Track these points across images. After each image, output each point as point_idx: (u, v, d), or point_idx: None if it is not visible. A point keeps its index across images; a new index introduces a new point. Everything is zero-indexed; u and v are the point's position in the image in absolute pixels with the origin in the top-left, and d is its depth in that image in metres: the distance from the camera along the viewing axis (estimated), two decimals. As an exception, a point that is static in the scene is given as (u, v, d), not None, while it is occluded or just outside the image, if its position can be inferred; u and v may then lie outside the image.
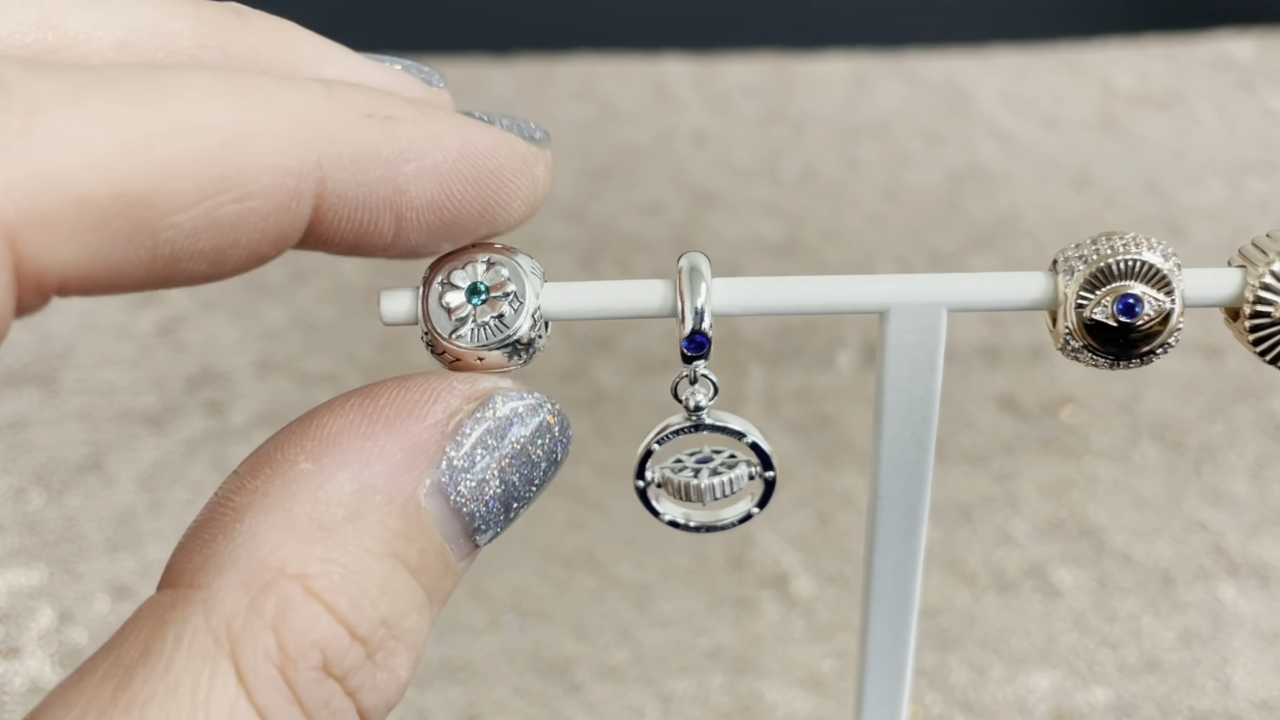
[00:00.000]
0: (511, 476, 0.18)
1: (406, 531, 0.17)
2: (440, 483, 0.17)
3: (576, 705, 0.38)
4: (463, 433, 0.17)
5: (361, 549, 0.16)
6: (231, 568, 0.16)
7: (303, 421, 0.17)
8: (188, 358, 0.49)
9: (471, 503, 0.17)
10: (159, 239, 0.15)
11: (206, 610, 0.15)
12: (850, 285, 0.19)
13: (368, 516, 0.16)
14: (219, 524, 0.16)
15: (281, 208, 0.16)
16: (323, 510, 0.16)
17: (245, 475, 0.17)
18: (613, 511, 0.43)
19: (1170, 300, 0.19)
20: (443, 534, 0.17)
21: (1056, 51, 0.65)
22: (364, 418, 0.17)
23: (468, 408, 0.17)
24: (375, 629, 0.16)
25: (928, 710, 0.38)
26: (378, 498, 0.16)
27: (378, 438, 0.17)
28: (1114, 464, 0.44)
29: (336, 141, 0.16)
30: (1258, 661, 0.39)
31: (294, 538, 0.16)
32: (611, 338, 0.49)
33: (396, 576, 0.16)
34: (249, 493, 0.16)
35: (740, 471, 0.20)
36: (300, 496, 0.16)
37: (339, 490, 0.16)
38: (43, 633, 0.40)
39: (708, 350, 0.19)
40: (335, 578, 0.16)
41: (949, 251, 0.54)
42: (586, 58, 0.65)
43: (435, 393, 0.17)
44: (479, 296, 0.19)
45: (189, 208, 0.15)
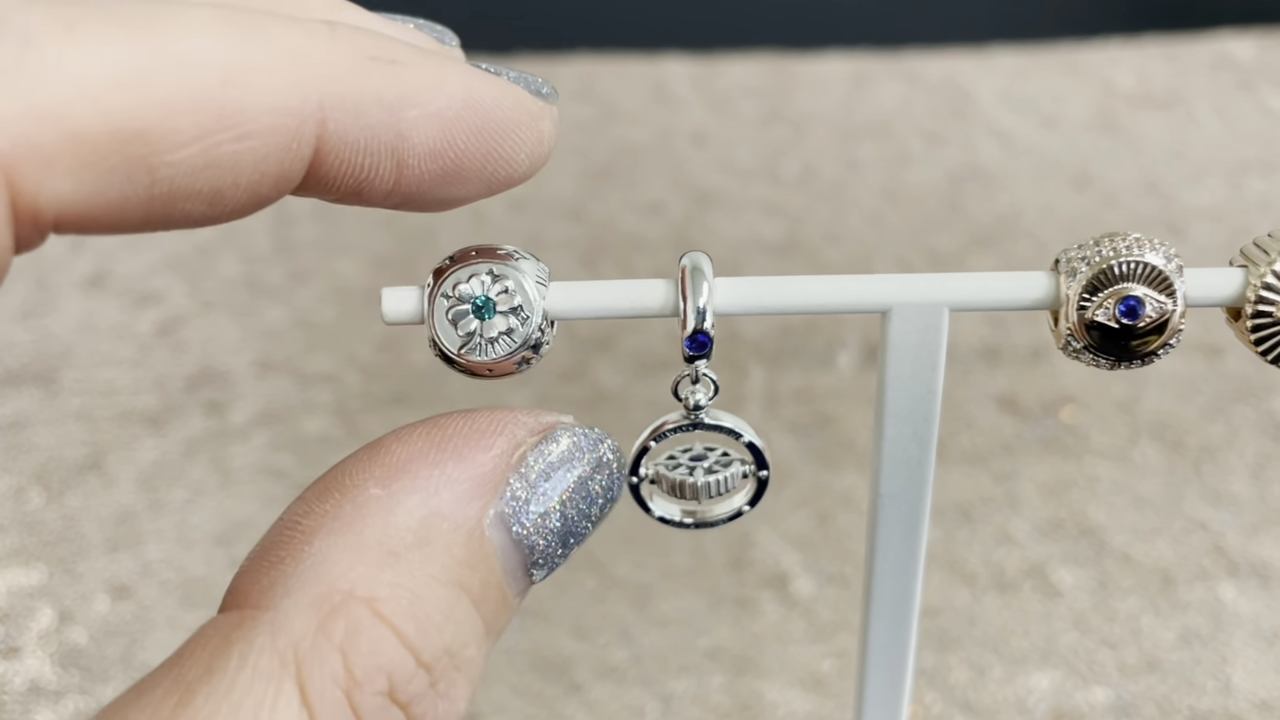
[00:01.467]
0: (571, 511, 0.18)
1: (471, 560, 0.17)
2: (504, 514, 0.17)
3: (576, 705, 0.38)
4: (527, 465, 0.17)
5: (429, 575, 0.16)
6: (300, 589, 0.16)
7: (371, 448, 0.17)
8: (188, 358, 0.49)
9: (532, 535, 0.17)
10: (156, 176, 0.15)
11: (274, 631, 0.15)
12: (852, 285, 0.19)
13: (435, 543, 0.16)
14: (287, 546, 0.16)
15: (281, 148, 0.16)
16: (392, 535, 0.16)
17: (313, 499, 0.17)
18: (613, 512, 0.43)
19: (1172, 302, 0.19)
20: (503, 566, 0.17)
21: (1056, 51, 0.65)
22: (432, 446, 0.17)
23: (532, 440, 0.18)
24: (440, 657, 0.16)
25: (928, 710, 0.38)
26: (445, 525, 0.16)
27: (445, 465, 0.17)
28: (1114, 464, 0.44)
29: (339, 82, 0.16)
30: (1258, 661, 0.39)
31: (363, 561, 0.16)
32: (611, 338, 0.49)
33: (460, 605, 0.16)
34: (318, 516, 0.16)
35: (734, 470, 0.20)
36: (370, 521, 0.16)
37: (408, 516, 0.16)
38: (43, 633, 0.40)
39: (709, 350, 0.19)
40: (403, 602, 0.16)
41: (949, 251, 0.54)
42: (586, 58, 0.65)
43: (501, 424, 0.17)
44: (486, 312, 0.19)
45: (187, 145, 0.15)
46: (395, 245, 0.54)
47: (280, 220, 0.56)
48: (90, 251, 0.54)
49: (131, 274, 0.53)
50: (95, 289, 0.52)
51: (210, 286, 0.52)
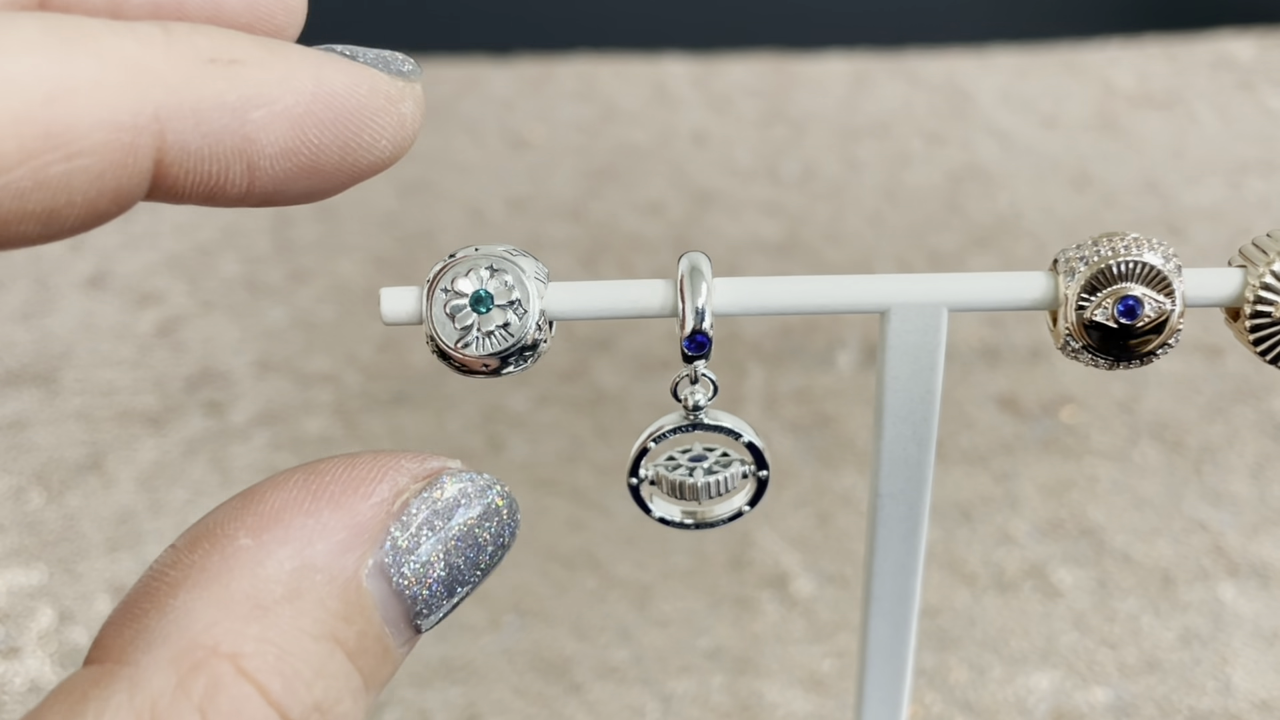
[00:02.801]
0: (457, 560, 0.17)
1: (346, 613, 0.16)
2: (383, 564, 0.16)
3: (576, 705, 0.38)
4: (409, 513, 0.17)
5: (298, 629, 0.15)
6: (161, 644, 0.15)
7: (244, 496, 0.16)
8: (188, 358, 0.49)
9: (415, 585, 0.17)
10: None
11: (132, 688, 0.15)
12: (851, 285, 0.19)
13: (307, 596, 0.16)
14: (152, 599, 0.15)
15: (117, 165, 0.15)
16: (261, 588, 0.15)
17: (182, 549, 0.16)
18: (613, 511, 0.43)
19: (1171, 301, 0.19)
20: (384, 617, 0.16)
21: (1056, 51, 0.65)
22: (308, 494, 0.16)
23: (415, 487, 0.17)
24: (309, 713, 0.15)
25: (928, 710, 0.38)
26: (318, 577, 0.16)
27: (321, 514, 0.16)
28: (1114, 464, 0.44)
29: (175, 90, 0.15)
30: (1258, 661, 0.39)
31: (229, 615, 0.15)
32: (611, 338, 0.49)
33: (333, 660, 0.16)
34: (185, 567, 0.16)
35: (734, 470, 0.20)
36: (238, 573, 0.15)
37: (278, 568, 0.16)
38: (43, 633, 0.40)
39: (708, 350, 0.19)
40: (269, 658, 0.15)
41: (949, 251, 0.54)
42: (586, 58, 0.65)
43: (382, 470, 0.17)
44: (483, 305, 0.19)
45: (12, 169, 0.14)
46: (395, 245, 0.54)
47: (280, 220, 0.56)
48: (90, 251, 0.54)
49: (131, 274, 0.53)
50: (95, 289, 0.52)
51: (210, 286, 0.52)
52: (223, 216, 0.56)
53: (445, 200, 0.57)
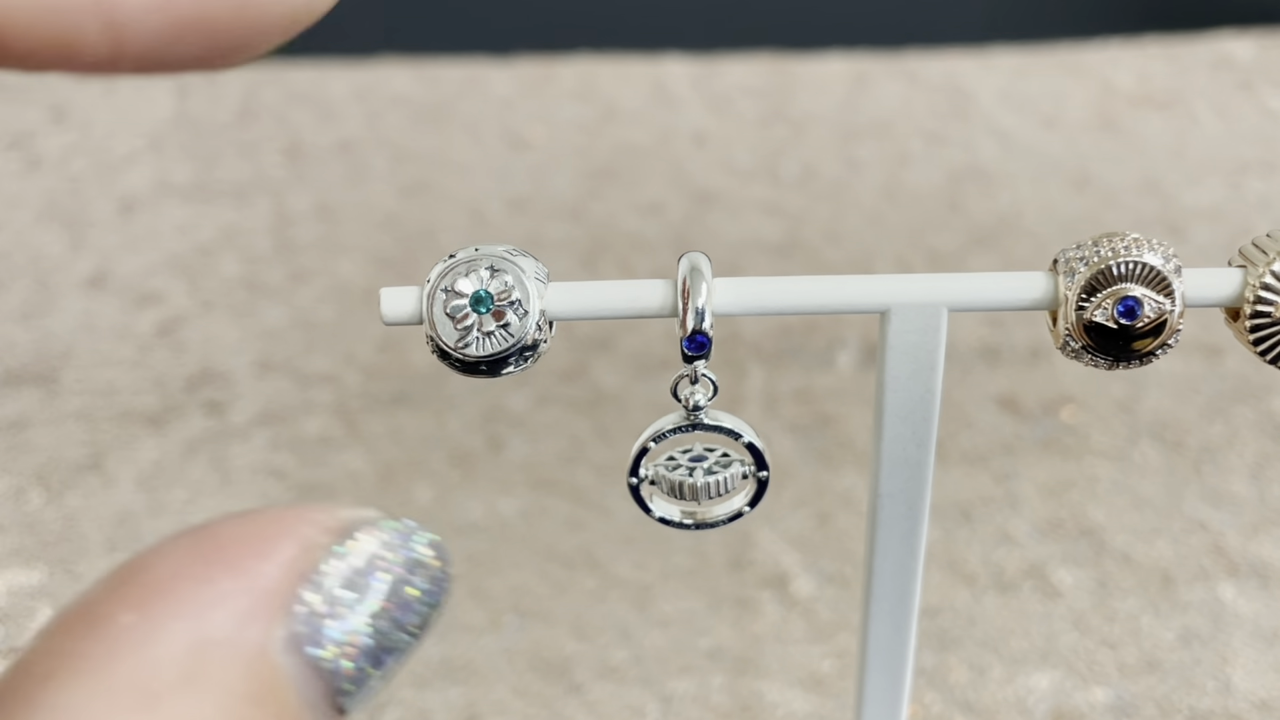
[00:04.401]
0: (383, 624, 0.14)
1: (256, 695, 0.13)
2: (296, 633, 0.14)
3: (576, 705, 0.38)
4: (320, 572, 0.14)
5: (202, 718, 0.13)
6: None
7: (123, 569, 0.14)
8: (188, 358, 0.49)
9: (335, 657, 0.14)
10: None
11: None
12: (851, 285, 0.19)
13: (207, 678, 0.13)
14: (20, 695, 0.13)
15: None
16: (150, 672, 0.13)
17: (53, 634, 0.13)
18: (613, 511, 0.43)
19: (1170, 302, 0.19)
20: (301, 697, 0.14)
21: (1056, 51, 0.65)
22: (199, 558, 0.14)
23: (325, 541, 0.14)
24: None
25: (928, 710, 0.38)
26: (219, 653, 0.13)
27: (216, 581, 0.13)
28: (1114, 464, 0.44)
29: None
30: (1258, 661, 0.39)
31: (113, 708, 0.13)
32: (611, 338, 0.49)
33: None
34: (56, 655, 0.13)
35: (734, 470, 0.20)
36: (121, 657, 0.13)
37: (170, 646, 0.13)
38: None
39: (708, 350, 0.19)
40: None
41: (949, 251, 0.54)
42: (586, 58, 0.65)
43: (285, 525, 0.14)
44: (483, 305, 0.19)
45: None
46: (395, 245, 0.54)
47: (280, 220, 0.56)
48: (90, 251, 0.54)
49: (131, 274, 0.53)
50: (95, 289, 0.52)
51: (210, 286, 0.52)
52: (223, 216, 0.56)
53: (445, 200, 0.57)
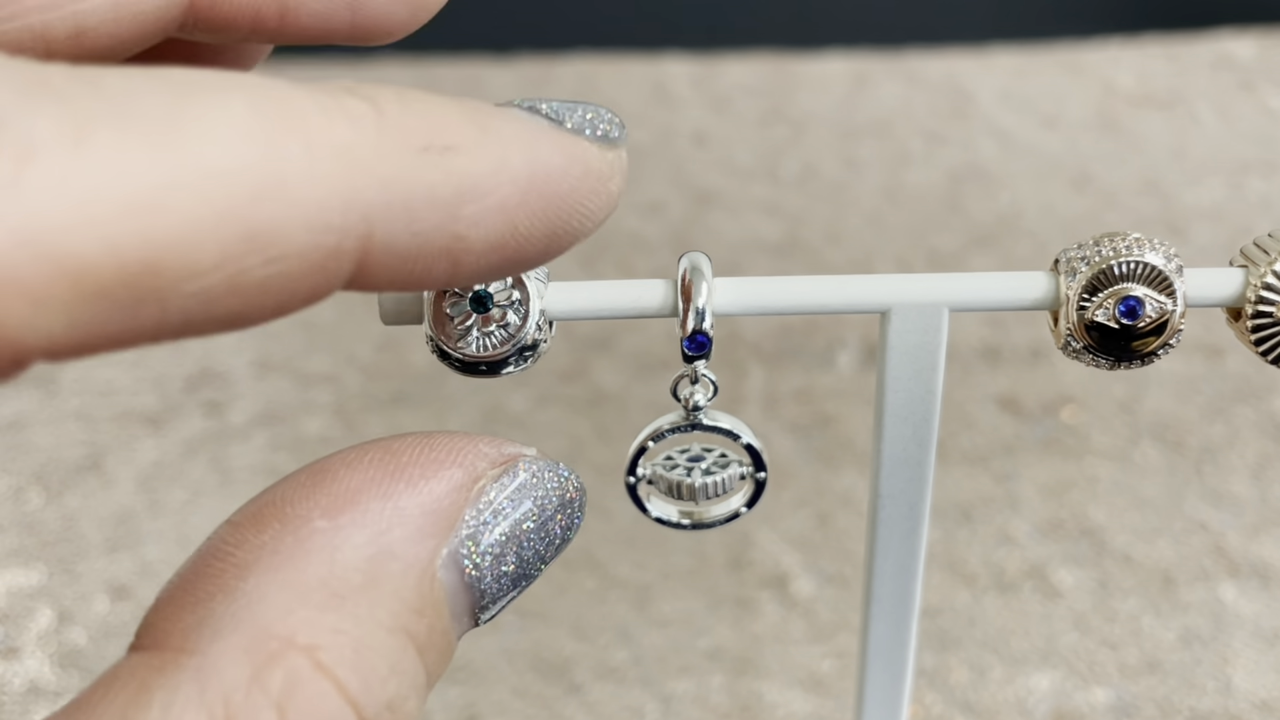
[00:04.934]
0: (528, 551, 0.16)
1: (420, 606, 0.15)
2: (457, 553, 0.15)
3: (576, 705, 0.38)
4: (485, 499, 0.16)
5: (375, 621, 0.15)
6: (232, 632, 0.14)
7: (314, 473, 0.15)
8: (187, 358, 0.49)
9: (486, 578, 0.16)
10: (167, 307, 0.12)
11: (201, 679, 0.14)
12: (852, 285, 0.19)
13: (384, 585, 0.15)
14: (217, 580, 0.14)
15: (318, 268, 0.13)
16: (337, 575, 0.14)
17: (247, 528, 0.15)
18: (613, 511, 0.43)
19: (1172, 302, 0.19)
20: (451, 610, 0.16)
21: (1056, 51, 0.65)
22: (384, 474, 0.15)
23: (493, 473, 0.16)
24: (381, 712, 0.15)
25: (928, 710, 0.38)
26: (395, 565, 0.15)
27: (398, 498, 0.15)
28: (1114, 464, 0.44)
29: (387, 187, 0.13)
30: (1258, 662, 0.39)
31: (305, 603, 0.14)
32: (611, 338, 0.49)
33: (406, 655, 0.15)
34: (254, 548, 0.15)
35: (732, 471, 0.20)
36: (313, 557, 0.14)
37: (355, 553, 0.15)
38: (42, 633, 0.40)
39: (709, 350, 0.19)
40: (347, 652, 0.14)
41: (949, 251, 0.53)
42: (586, 58, 0.65)
43: (459, 453, 0.16)
44: (484, 305, 0.19)
45: (207, 273, 0.12)
46: (395, 245, 0.54)
47: (280, 220, 0.56)
48: (90, 251, 0.54)
49: (131, 274, 0.53)
50: (95, 289, 0.52)
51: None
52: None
53: (445, 200, 0.57)
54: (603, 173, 0.16)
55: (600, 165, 0.15)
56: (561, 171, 0.15)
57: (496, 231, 0.15)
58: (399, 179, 0.13)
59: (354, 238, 0.13)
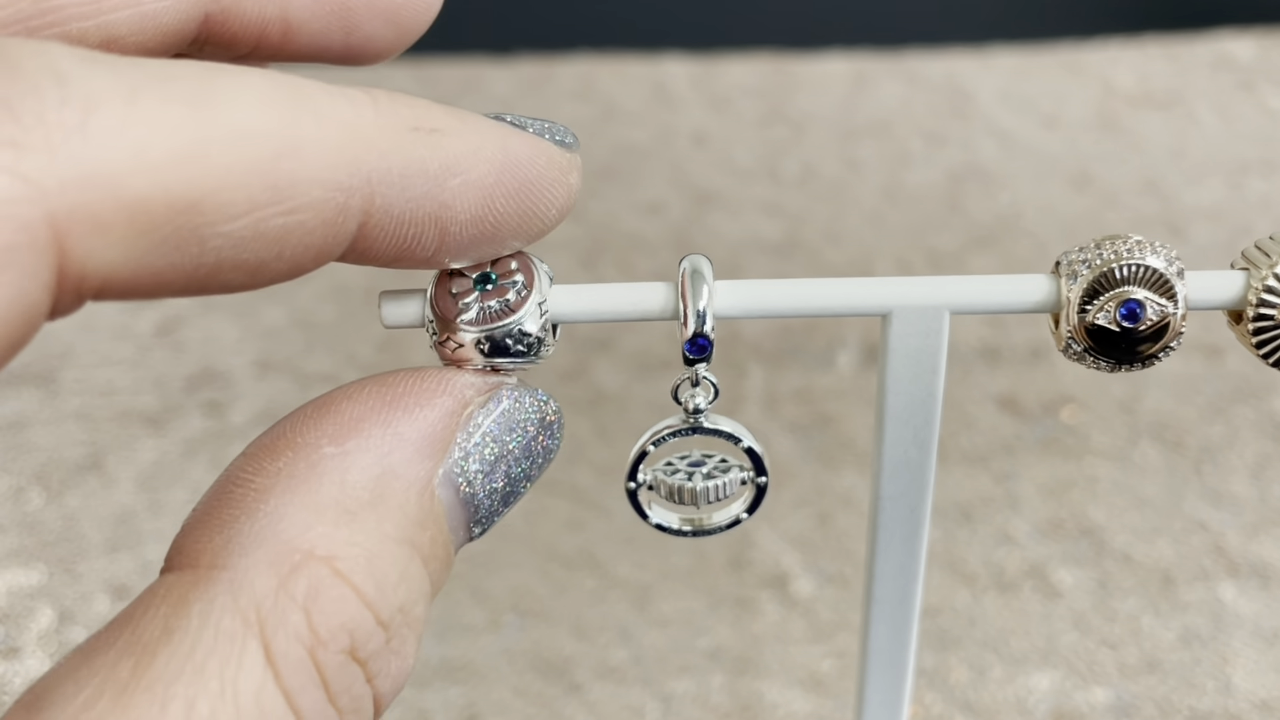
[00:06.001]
0: (515, 471, 0.18)
1: (421, 519, 0.17)
2: (451, 472, 0.17)
3: (576, 705, 0.38)
4: (474, 423, 0.18)
5: (384, 534, 0.16)
6: (258, 548, 0.16)
7: (319, 406, 0.17)
8: (187, 358, 0.49)
9: (479, 494, 0.18)
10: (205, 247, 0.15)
11: (234, 590, 0.15)
12: (852, 288, 0.19)
13: (389, 501, 0.16)
14: (239, 505, 0.16)
15: (328, 222, 0.16)
16: (348, 494, 0.16)
17: (263, 457, 0.17)
18: (613, 511, 0.43)
19: (1173, 305, 0.19)
20: (449, 524, 0.17)
21: (1056, 51, 0.65)
22: (382, 404, 0.17)
23: (479, 399, 0.18)
24: (394, 615, 0.16)
25: (928, 710, 0.38)
26: (398, 483, 0.17)
27: (396, 424, 0.17)
28: (1114, 464, 0.44)
29: (386, 156, 0.16)
30: (1258, 661, 0.39)
31: (321, 520, 0.16)
32: (612, 338, 0.49)
33: (413, 564, 0.17)
34: (270, 474, 0.16)
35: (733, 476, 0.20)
36: (325, 479, 0.16)
37: (362, 474, 0.16)
38: (42, 633, 0.40)
39: (709, 353, 0.19)
40: (361, 561, 0.16)
41: (949, 251, 0.53)
42: (586, 58, 0.65)
43: (449, 383, 0.18)
44: (487, 280, 0.19)
45: (239, 217, 0.15)
46: (395, 245, 0.54)
47: (280, 220, 0.56)
48: (90, 251, 0.54)
49: (131, 274, 0.53)
50: (95, 289, 0.52)
51: (210, 286, 0.52)
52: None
53: (445, 200, 0.57)
54: (563, 165, 0.18)
55: (561, 159, 0.18)
56: (529, 159, 0.18)
57: (476, 204, 0.17)
58: (395, 151, 0.16)
59: (359, 197, 0.16)
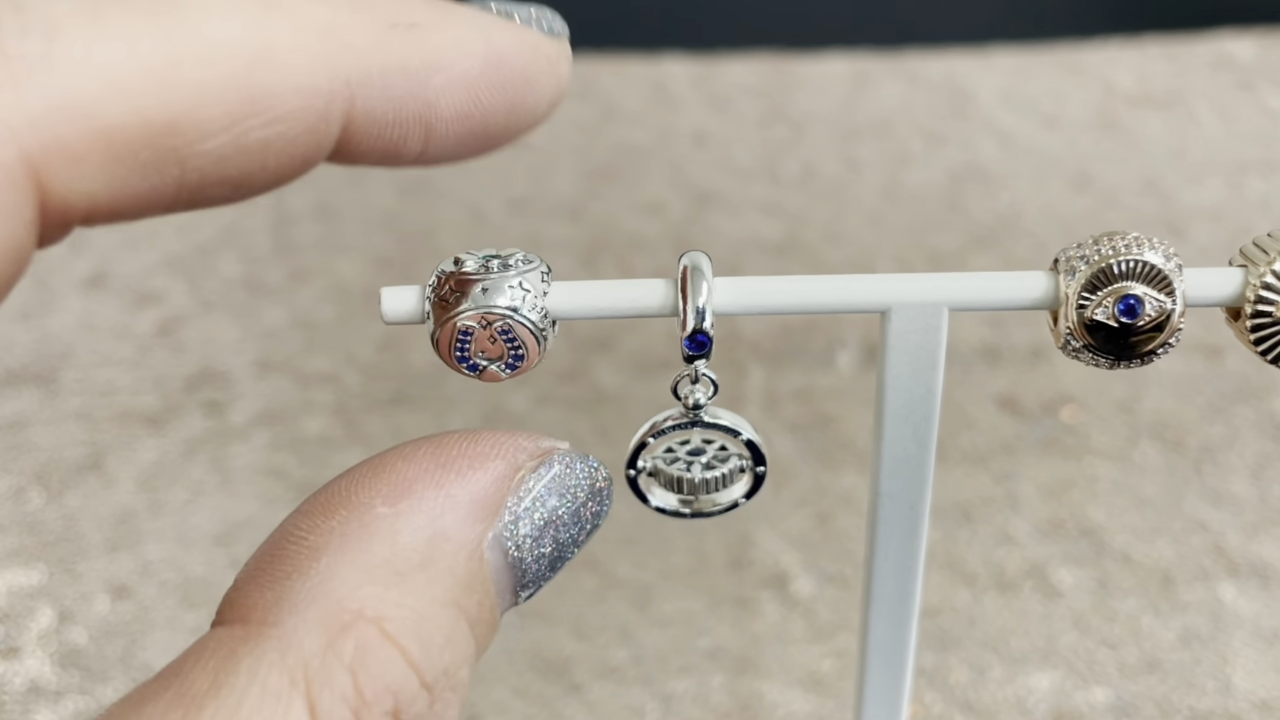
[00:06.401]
0: (563, 536, 0.18)
1: (470, 582, 0.17)
2: (501, 536, 0.17)
3: (576, 705, 0.38)
4: (525, 488, 0.17)
5: (432, 596, 0.16)
6: (309, 606, 0.15)
7: (375, 465, 0.17)
8: (187, 358, 0.49)
9: (527, 559, 0.17)
10: (186, 167, 0.15)
11: (282, 647, 0.15)
12: (852, 285, 0.19)
13: (439, 564, 0.16)
14: (293, 561, 0.16)
15: (310, 129, 0.15)
16: (399, 555, 0.16)
17: (318, 515, 0.17)
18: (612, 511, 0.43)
19: (1171, 301, 0.19)
20: (495, 587, 0.17)
21: (1056, 51, 0.65)
22: (436, 466, 0.17)
23: (531, 464, 0.18)
24: (439, 678, 0.16)
25: (928, 710, 0.38)
26: (448, 546, 0.16)
27: (450, 486, 0.17)
28: (1114, 464, 0.44)
29: (364, 57, 0.16)
30: (1258, 661, 0.39)
31: (371, 580, 0.16)
32: (611, 338, 0.49)
33: (459, 627, 0.16)
34: (324, 533, 0.16)
35: (732, 465, 0.20)
36: (377, 540, 0.16)
37: (414, 536, 0.16)
38: (42, 633, 0.40)
39: (709, 350, 0.19)
40: (409, 623, 0.16)
41: (949, 251, 0.53)
42: (586, 58, 0.65)
43: (501, 447, 0.17)
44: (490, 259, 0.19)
45: (217, 134, 0.15)
46: (395, 245, 0.54)
47: (280, 220, 0.56)
48: (90, 251, 0.54)
49: (131, 274, 0.53)
50: (95, 289, 0.52)
51: (210, 286, 0.52)
52: (223, 216, 0.56)
53: (445, 200, 0.57)
54: (551, 54, 0.18)
55: (548, 48, 0.18)
56: (514, 49, 0.17)
57: (462, 100, 0.17)
58: (374, 50, 0.16)
59: (339, 101, 0.15)
